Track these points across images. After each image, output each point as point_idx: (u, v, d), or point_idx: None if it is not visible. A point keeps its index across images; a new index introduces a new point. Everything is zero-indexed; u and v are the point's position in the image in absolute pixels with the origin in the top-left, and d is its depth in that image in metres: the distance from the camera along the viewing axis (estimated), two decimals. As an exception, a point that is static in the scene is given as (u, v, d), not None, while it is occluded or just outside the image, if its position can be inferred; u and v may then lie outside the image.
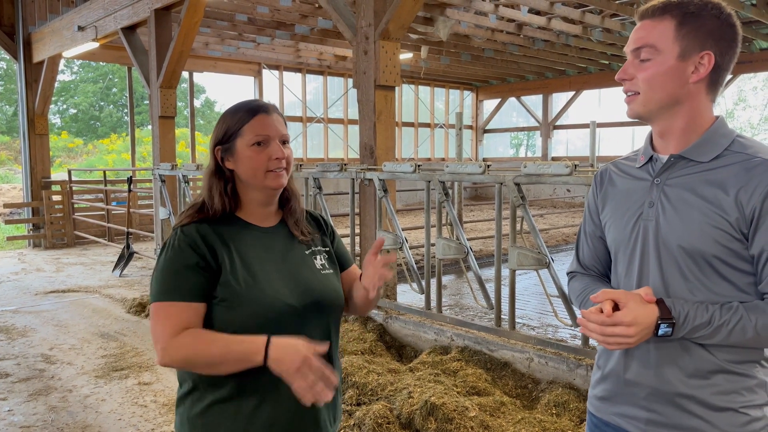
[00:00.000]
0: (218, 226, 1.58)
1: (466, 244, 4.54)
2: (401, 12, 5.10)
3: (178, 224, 1.59)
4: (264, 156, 1.56)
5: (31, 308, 6.79)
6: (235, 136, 1.58)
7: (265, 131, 1.57)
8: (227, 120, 1.61)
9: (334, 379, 1.42)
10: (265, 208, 1.65)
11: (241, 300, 1.50)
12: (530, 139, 23.51)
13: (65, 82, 31.07)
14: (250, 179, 1.58)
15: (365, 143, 5.43)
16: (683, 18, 1.35)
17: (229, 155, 1.59)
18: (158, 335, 1.47)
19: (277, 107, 1.65)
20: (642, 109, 1.41)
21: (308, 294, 1.59)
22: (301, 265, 1.63)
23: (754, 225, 1.30)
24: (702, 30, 1.34)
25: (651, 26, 1.38)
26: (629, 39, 1.43)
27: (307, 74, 15.75)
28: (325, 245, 1.74)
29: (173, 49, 7.38)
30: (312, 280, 1.62)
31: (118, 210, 10.79)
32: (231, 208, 1.60)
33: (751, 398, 1.36)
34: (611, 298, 1.33)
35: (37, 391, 4.36)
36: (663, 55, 1.36)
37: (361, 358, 4.26)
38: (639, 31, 1.40)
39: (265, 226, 1.65)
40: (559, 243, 11.01)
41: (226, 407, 1.52)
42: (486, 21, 10.54)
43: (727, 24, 1.36)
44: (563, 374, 3.79)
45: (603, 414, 1.53)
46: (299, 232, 1.68)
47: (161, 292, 1.49)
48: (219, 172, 1.61)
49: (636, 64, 1.40)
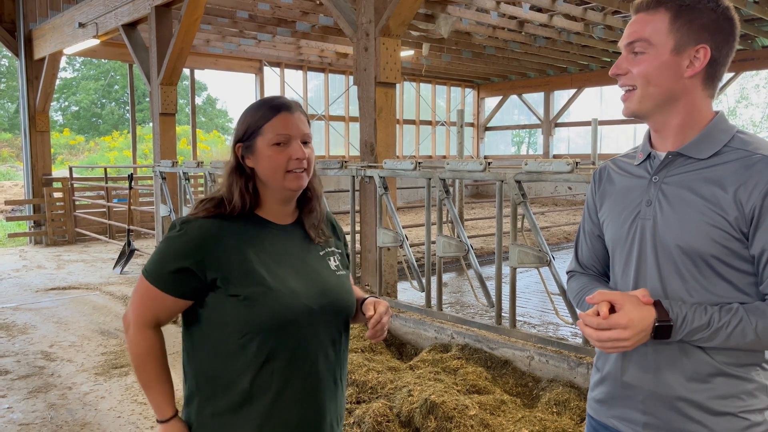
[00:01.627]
0: (236, 223, 1.55)
1: (467, 241, 4.52)
2: (402, 9, 5.08)
3: (194, 214, 1.55)
4: (284, 156, 1.53)
5: (31, 305, 6.79)
6: (256, 134, 1.54)
7: (287, 130, 1.54)
8: (249, 117, 1.57)
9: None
10: (284, 206, 1.62)
11: (261, 299, 1.48)
12: (532, 137, 23.46)
13: (67, 79, 31.08)
14: (270, 179, 1.55)
15: (366, 140, 5.42)
16: (678, 11, 1.32)
17: (250, 153, 1.56)
18: (133, 306, 1.55)
19: (300, 105, 1.61)
20: (638, 106, 1.38)
21: (325, 295, 1.57)
22: (318, 265, 1.62)
23: (754, 224, 1.27)
24: (697, 23, 1.32)
25: (645, 20, 1.36)
26: (624, 33, 1.41)
27: (308, 71, 15.74)
28: (338, 247, 1.73)
29: (174, 46, 7.36)
30: (329, 281, 1.61)
31: (119, 207, 10.79)
32: (251, 205, 1.57)
33: (751, 402, 1.33)
34: (608, 300, 1.30)
35: (37, 388, 4.36)
36: (657, 49, 1.33)
37: (361, 356, 4.25)
38: (633, 25, 1.38)
39: (282, 223, 1.62)
40: (561, 241, 10.99)
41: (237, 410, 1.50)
42: (487, 18, 10.51)
43: (723, 17, 1.33)
44: (564, 372, 3.78)
45: (601, 417, 1.51)
46: (315, 233, 1.65)
47: (151, 271, 1.52)
48: (240, 170, 1.58)
49: (630, 58, 1.37)
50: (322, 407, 1.57)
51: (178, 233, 1.50)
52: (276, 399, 1.50)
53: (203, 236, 1.49)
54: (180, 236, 1.50)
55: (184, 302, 1.52)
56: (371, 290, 5.36)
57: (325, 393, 1.58)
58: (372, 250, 5.34)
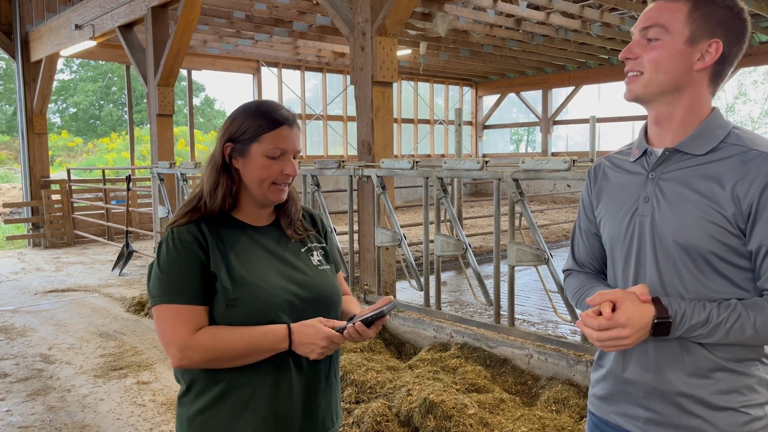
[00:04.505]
0: (214, 225, 1.56)
1: (465, 240, 4.52)
2: (398, 8, 5.07)
3: (174, 223, 1.55)
4: (276, 169, 1.55)
5: (30, 308, 6.79)
6: (252, 141, 1.54)
7: (285, 145, 1.55)
8: (248, 120, 1.55)
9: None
10: (261, 209, 1.64)
11: (241, 299, 1.49)
12: (530, 135, 23.47)
13: (65, 80, 31.03)
14: (254, 186, 1.56)
15: (363, 140, 5.41)
16: (697, 2, 1.33)
17: (240, 155, 1.56)
18: (171, 337, 1.45)
19: (296, 118, 1.63)
20: (642, 90, 1.38)
21: (307, 289, 1.58)
22: (298, 261, 1.63)
23: (751, 220, 1.27)
24: (714, 17, 1.33)
25: (664, 6, 1.36)
26: (639, 18, 1.40)
27: (305, 71, 15.71)
28: (320, 242, 1.73)
29: (170, 47, 7.35)
30: (310, 275, 1.62)
31: (118, 209, 10.77)
32: (229, 208, 1.58)
33: (752, 397, 1.34)
34: (609, 300, 1.30)
35: (36, 391, 4.35)
36: (672, 37, 1.34)
37: (360, 355, 4.25)
38: (651, 11, 1.38)
39: (259, 225, 1.63)
40: (560, 239, 10.99)
41: (223, 404, 1.51)
42: (485, 16, 10.50)
43: (738, 17, 1.35)
44: (563, 370, 3.77)
45: (603, 413, 1.51)
46: (292, 232, 1.67)
47: (168, 293, 1.47)
48: (226, 170, 1.57)
49: (643, 44, 1.37)
50: (312, 403, 1.58)
51: (171, 246, 1.50)
52: (263, 395, 1.52)
53: (193, 240, 1.51)
54: (175, 248, 1.50)
55: (205, 309, 1.50)
56: (370, 290, 5.35)
57: (316, 389, 1.59)
58: (370, 250, 5.33)
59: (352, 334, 1.50)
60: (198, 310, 1.47)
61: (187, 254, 1.48)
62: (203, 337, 1.45)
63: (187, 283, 1.47)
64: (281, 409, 1.53)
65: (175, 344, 1.45)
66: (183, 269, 1.47)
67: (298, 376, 1.55)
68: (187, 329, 1.45)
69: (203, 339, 1.45)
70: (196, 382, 1.54)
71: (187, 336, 1.45)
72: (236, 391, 1.51)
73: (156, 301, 1.48)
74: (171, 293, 1.46)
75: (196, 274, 1.48)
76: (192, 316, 1.46)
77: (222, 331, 1.47)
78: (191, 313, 1.46)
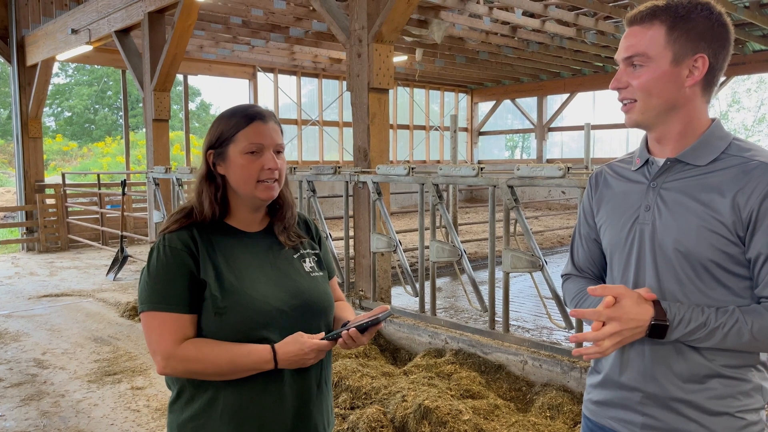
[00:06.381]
0: (206, 232, 1.56)
1: (460, 246, 4.53)
2: (394, 15, 5.10)
3: (165, 229, 1.56)
4: (256, 165, 1.54)
5: (24, 312, 6.76)
6: (228, 142, 1.55)
7: (260, 140, 1.54)
8: (222, 124, 1.57)
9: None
10: (254, 214, 1.63)
11: (230, 306, 1.49)
12: (525, 142, 23.55)
13: (60, 84, 30.97)
14: (240, 187, 1.56)
15: (359, 146, 5.43)
16: (673, 22, 1.33)
17: (221, 160, 1.57)
18: (156, 345, 1.47)
19: (274, 114, 1.62)
20: (641, 116, 1.39)
21: (297, 297, 1.58)
22: (290, 268, 1.62)
23: (751, 228, 1.29)
24: (693, 32, 1.32)
25: (641, 33, 1.36)
26: (620, 46, 1.41)
27: (302, 77, 15.74)
28: (314, 248, 1.73)
29: (167, 52, 7.36)
30: (301, 283, 1.61)
31: (113, 213, 10.75)
32: (220, 214, 1.58)
33: (747, 402, 1.35)
34: (611, 293, 1.31)
35: (30, 396, 4.33)
36: (656, 62, 1.34)
37: (355, 361, 4.25)
38: (629, 38, 1.38)
39: (252, 231, 1.63)
40: (554, 245, 11.02)
41: (213, 412, 1.51)
42: (480, 23, 10.56)
43: (718, 24, 1.34)
44: (557, 377, 3.79)
45: (598, 418, 1.52)
46: (285, 238, 1.66)
47: (155, 300, 1.48)
48: (210, 178, 1.58)
49: (629, 71, 1.37)
50: (303, 410, 1.58)
51: (161, 252, 1.51)
52: (252, 403, 1.51)
53: (183, 247, 1.51)
54: (165, 255, 1.50)
55: (194, 317, 1.50)
56: (365, 295, 5.36)
57: (307, 396, 1.59)
58: (366, 256, 5.34)
59: (345, 341, 1.51)
60: (184, 318, 1.47)
61: (176, 262, 1.49)
62: (188, 348, 1.46)
63: (174, 291, 1.47)
64: (272, 417, 1.53)
65: (160, 353, 1.46)
66: (171, 277, 1.48)
67: (288, 384, 1.55)
68: (172, 339, 1.46)
69: (187, 350, 1.46)
70: (186, 390, 1.54)
71: (172, 345, 1.45)
72: (224, 399, 1.51)
73: (143, 307, 1.49)
74: (158, 300, 1.47)
75: (184, 282, 1.48)
76: (178, 325, 1.47)
77: (206, 345, 1.47)
78: (177, 321, 1.47)
